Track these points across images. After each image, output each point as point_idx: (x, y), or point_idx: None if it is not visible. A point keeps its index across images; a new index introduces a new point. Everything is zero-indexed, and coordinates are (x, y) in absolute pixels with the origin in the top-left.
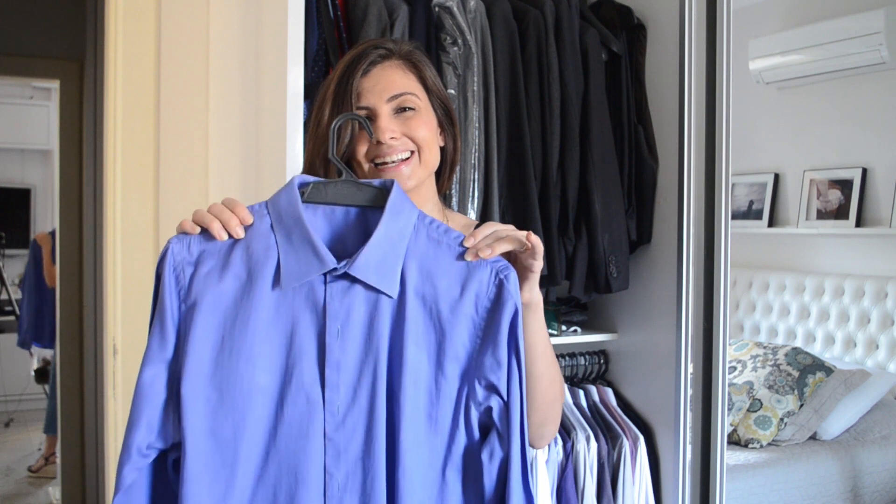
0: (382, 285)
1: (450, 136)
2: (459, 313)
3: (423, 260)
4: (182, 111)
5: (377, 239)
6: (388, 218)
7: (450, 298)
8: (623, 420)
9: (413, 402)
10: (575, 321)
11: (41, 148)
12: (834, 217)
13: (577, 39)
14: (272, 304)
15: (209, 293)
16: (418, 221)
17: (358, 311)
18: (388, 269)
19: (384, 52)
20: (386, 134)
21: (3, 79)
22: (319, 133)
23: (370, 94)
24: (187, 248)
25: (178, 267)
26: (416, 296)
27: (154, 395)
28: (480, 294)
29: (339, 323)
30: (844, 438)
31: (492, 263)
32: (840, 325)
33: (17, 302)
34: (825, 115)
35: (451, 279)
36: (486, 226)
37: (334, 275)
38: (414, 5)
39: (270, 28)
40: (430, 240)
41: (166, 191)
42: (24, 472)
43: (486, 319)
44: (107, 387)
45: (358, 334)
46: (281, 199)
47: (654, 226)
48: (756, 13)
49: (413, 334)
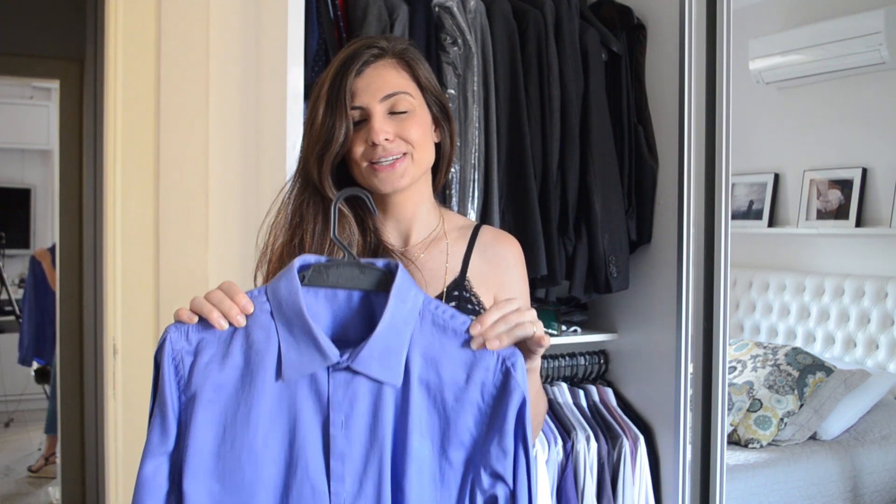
0: (386, 377)
1: (446, 132)
2: (465, 401)
3: (428, 347)
4: (182, 111)
5: (381, 330)
6: (394, 305)
7: (455, 387)
8: (623, 420)
9: (418, 491)
10: (575, 321)
11: (41, 148)
12: (834, 217)
13: (577, 39)
14: (274, 395)
15: (209, 384)
16: (423, 307)
17: (362, 402)
18: (391, 360)
19: (377, 52)
20: (380, 135)
21: (3, 79)
22: (313, 132)
23: (364, 93)
24: (185, 337)
25: (176, 357)
26: (420, 384)
27: (156, 489)
28: (486, 382)
29: (342, 414)
30: (844, 438)
31: (498, 351)
32: (840, 325)
33: (17, 302)
34: (825, 115)
35: (457, 366)
36: (494, 309)
37: (337, 367)
38: (414, 5)
39: (270, 28)
40: (435, 325)
41: (166, 191)
42: (24, 472)
43: (492, 407)
44: (107, 387)
45: (362, 425)
46: (281, 286)
47: (654, 226)
48: (756, 13)
49: (417, 423)
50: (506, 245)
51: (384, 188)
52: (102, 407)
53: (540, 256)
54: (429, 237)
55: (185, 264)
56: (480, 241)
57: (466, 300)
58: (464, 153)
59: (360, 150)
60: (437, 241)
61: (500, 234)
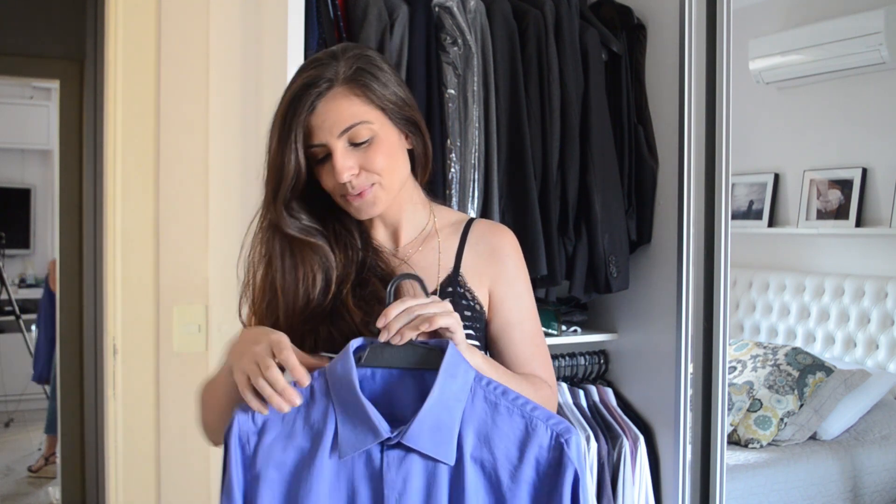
0: (438, 453)
1: (417, 137)
2: (520, 480)
3: (481, 424)
4: (182, 111)
5: (430, 405)
6: (442, 380)
7: (509, 465)
8: (623, 420)
9: None
10: (575, 321)
11: (41, 148)
12: (834, 217)
13: (577, 39)
14: (332, 472)
15: (272, 463)
16: (475, 383)
17: (415, 480)
18: (443, 436)
19: (326, 84)
20: (343, 174)
21: (3, 79)
22: (268, 167)
23: (320, 131)
24: (252, 419)
25: (243, 437)
26: (473, 462)
27: None
28: (541, 459)
29: (396, 492)
30: (844, 438)
31: (552, 426)
32: (840, 325)
33: (17, 302)
34: (825, 115)
35: (510, 444)
36: (398, 302)
37: (389, 444)
38: (414, 5)
39: (270, 28)
40: (486, 402)
41: (166, 191)
42: (24, 472)
43: (547, 485)
44: (107, 387)
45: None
46: (337, 366)
47: (654, 226)
48: (756, 13)
49: (473, 503)
50: (499, 235)
51: (361, 217)
52: (102, 407)
53: (540, 256)
54: (420, 235)
55: (185, 264)
56: (473, 235)
57: (461, 296)
58: (464, 153)
59: (329, 184)
60: (429, 238)
61: (493, 226)
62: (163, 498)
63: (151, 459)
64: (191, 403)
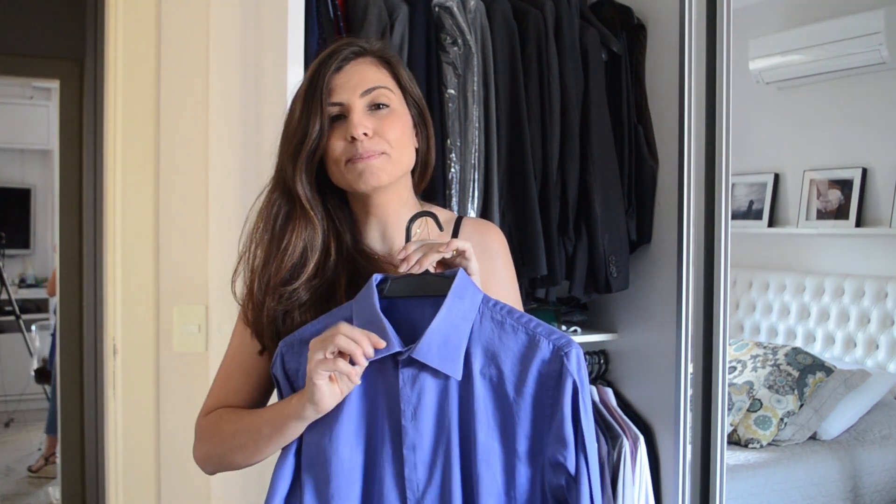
0: (445, 367)
1: (423, 137)
2: (525, 393)
3: (488, 342)
4: (182, 111)
5: (438, 322)
6: (451, 301)
7: (514, 379)
8: (623, 420)
9: (488, 482)
10: (575, 321)
11: (41, 148)
12: (834, 217)
13: (577, 39)
14: (357, 391)
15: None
16: (482, 304)
17: (429, 395)
18: (450, 352)
19: (358, 50)
20: (359, 129)
21: (3, 79)
22: (289, 130)
23: (343, 89)
24: (292, 350)
25: (288, 369)
26: (482, 378)
27: (283, 480)
28: (543, 372)
29: (412, 406)
30: (844, 438)
31: (554, 340)
32: (840, 325)
33: (17, 302)
34: (825, 115)
35: (515, 359)
36: (412, 242)
37: (402, 360)
38: (414, 5)
39: (270, 28)
40: (493, 322)
41: (166, 191)
42: (24, 472)
43: (549, 397)
44: (107, 387)
45: (430, 417)
46: (361, 294)
47: (654, 226)
48: (756, 13)
49: (483, 416)
50: (486, 233)
51: (363, 185)
52: (102, 407)
53: (540, 256)
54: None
55: (185, 264)
56: (462, 234)
57: None
58: (464, 153)
59: (338, 147)
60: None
61: (481, 224)
62: (163, 498)
63: (151, 459)
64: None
